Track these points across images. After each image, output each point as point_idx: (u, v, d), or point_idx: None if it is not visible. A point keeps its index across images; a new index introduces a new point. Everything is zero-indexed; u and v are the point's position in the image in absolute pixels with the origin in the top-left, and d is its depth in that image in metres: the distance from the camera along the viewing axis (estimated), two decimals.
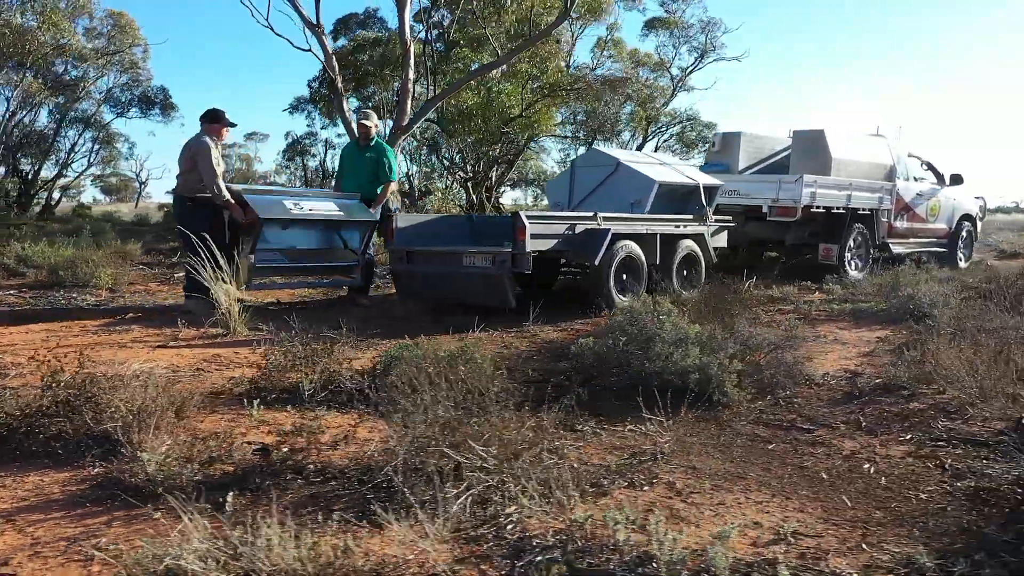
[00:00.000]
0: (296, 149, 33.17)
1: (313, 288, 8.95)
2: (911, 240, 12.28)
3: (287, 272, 8.11)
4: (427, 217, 9.19)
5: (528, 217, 7.21)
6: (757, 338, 5.10)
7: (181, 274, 9.03)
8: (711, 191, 9.37)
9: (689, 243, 8.65)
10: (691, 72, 28.49)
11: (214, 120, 7.51)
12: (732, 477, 3.40)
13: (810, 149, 10.83)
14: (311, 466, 3.24)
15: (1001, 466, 3.45)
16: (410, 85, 14.67)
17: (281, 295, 8.80)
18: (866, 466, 3.55)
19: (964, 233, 13.32)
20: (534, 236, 7.18)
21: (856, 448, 3.80)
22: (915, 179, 12.42)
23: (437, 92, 19.86)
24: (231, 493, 2.89)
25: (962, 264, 13.17)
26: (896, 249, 11.87)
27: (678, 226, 8.66)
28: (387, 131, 18.70)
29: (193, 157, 7.28)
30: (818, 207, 10.36)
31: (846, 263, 10.89)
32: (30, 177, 27.34)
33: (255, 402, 3.87)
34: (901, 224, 11.89)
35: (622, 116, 26.63)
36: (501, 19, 16.52)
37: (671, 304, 5.24)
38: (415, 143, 22.00)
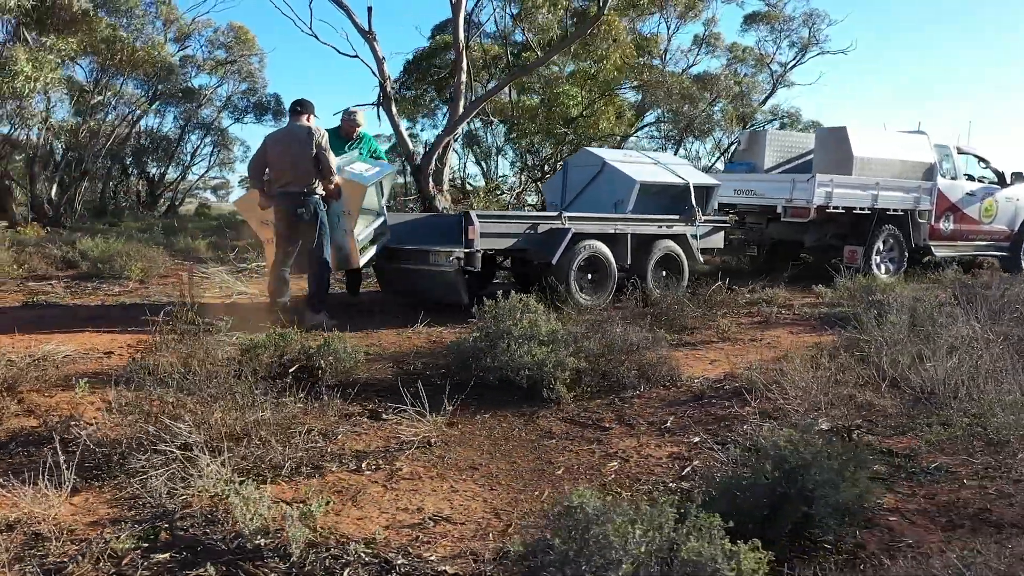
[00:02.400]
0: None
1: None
2: (960, 243, 11.48)
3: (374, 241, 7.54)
4: (415, 216, 9.48)
5: (479, 216, 7.39)
6: (622, 339, 5.08)
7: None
8: (707, 191, 9.20)
9: (668, 244, 8.54)
10: (792, 67, 27.53)
11: (307, 111, 6.95)
12: (468, 468, 3.52)
13: (833, 147, 10.37)
14: (85, 438, 3.61)
15: (744, 472, 3.40)
16: (462, 88, 15.02)
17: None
18: (613, 464, 3.59)
19: None
20: (485, 235, 7.36)
21: (627, 447, 3.82)
22: (967, 177, 11.62)
23: (512, 93, 20.31)
24: None
25: None
26: (940, 252, 11.15)
27: (660, 226, 8.58)
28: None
29: (317, 144, 6.64)
30: (836, 208, 9.93)
31: (874, 266, 10.37)
32: (156, 179, 29.72)
33: (83, 381, 4.31)
34: (946, 226, 11.16)
35: (714, 114, 26.01)
36: (536, 20, 16.65)
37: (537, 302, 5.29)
38: (487, 142, 22.45)
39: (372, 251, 7.52)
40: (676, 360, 5.64)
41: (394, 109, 14.70)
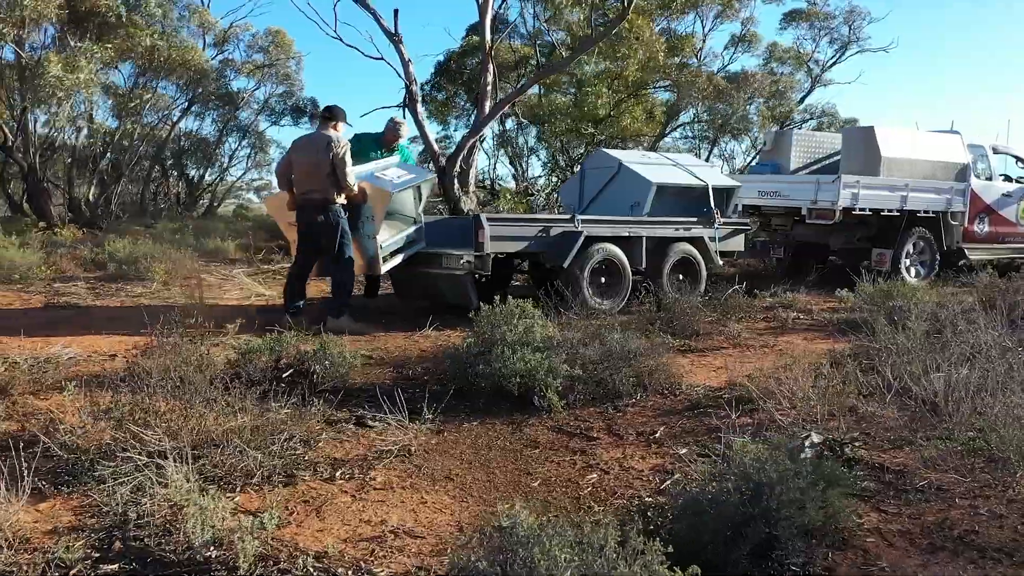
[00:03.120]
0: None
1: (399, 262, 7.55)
2: (996, 246, 11.12)
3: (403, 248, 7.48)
4: (432, 219, 9.42)
5: (489, 219, 7.33)
6: (620, 346, 4.96)
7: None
8: (727, 193, 9.04)
9: (685, 247, 8.39)
10: (831, 65, 27.09)
11: (336, 118, 7.00)
12: (443, 479, 3.46)
13: (859, 148, 10.12)
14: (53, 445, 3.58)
15: (711, 488, 3.30)
16: (488, 89, 14.97)
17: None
18: (592, 476, 3.50)
19: None
20: (495, 238, 7.30)
21: (611, 458, 3.72)
22: (1004, 178, 11.25)
23: (542, 93, 20.26)
24: None
25: None
26: (975, 256, 10.81)
27: (677, 229, 8.43)
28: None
29: (334, 155, 6.64)
30: (863, 209, 9.67)
31: (903, 270, 10.09)
32: (195, 181, 30.18)
33: (72, 384, 4.33)
34: (981, 228, 10.82)
35: (749, 113, 25.63)
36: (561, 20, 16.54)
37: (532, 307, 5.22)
38: (519, 143, 22.37)
39: (398, 258, 7.43)
40: (680, 367, 5.54)
41: (420, 110, 14.70)
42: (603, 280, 7.89)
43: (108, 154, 19.19)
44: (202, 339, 5.16)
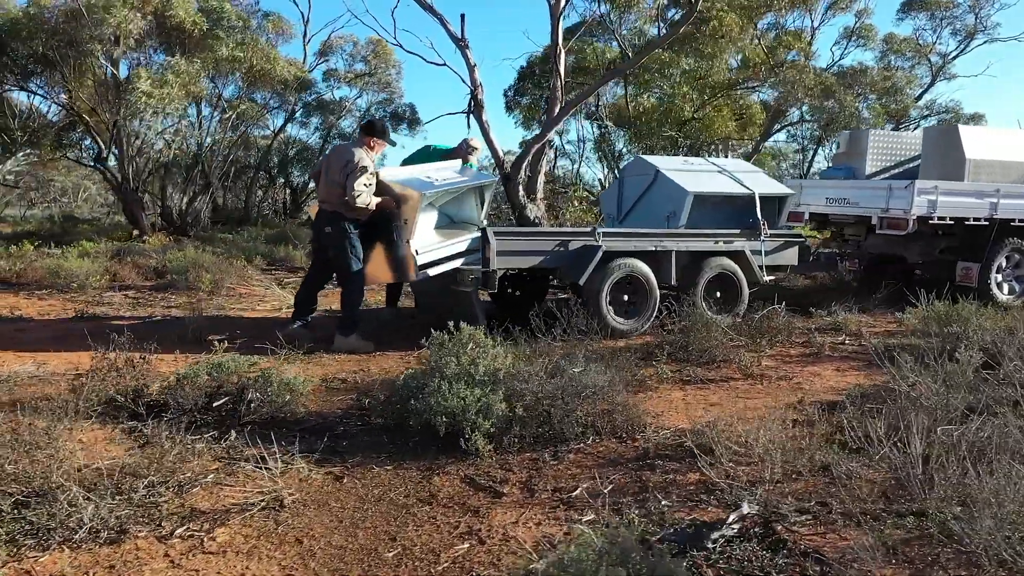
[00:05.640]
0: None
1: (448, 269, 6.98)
2: None
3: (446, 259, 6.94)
4: None
5: (496, 233, 6.87)
6: (581, 380, 4.38)
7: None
8: (777, 201, 8.20)
9: (723, 261, 7.62)
10: (954, 57, 25.04)
11: (372, 134, 6.80)
12: (293, 542, 3.05)
13: (942, 150, 8.99)
14: None
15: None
16: (558, 93, 14.50)
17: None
18: (462, 547, 2.99)
19: None
20: (503, 253, 6.83)
21: (500, 523, 3.20)
22: None
23: (628, 95, 19.58)
24: None
25: None
26: None
27: (716, 242, 7.69)
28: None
29: (348, 174, 6.45)
30: (943, 218, 8.58)
31: (993, 286, 8.90)
32: (299, 187, 31.02)
33: None
34: None
35: (860, 111, 23.93)
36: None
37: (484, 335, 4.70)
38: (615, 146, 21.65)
39: (448, 265, 6.94)
40: (669, 402, 4.98)
41: (484, 116, 14.36)
42: (626, 298, 7.26)
43: (200, 163, 19.91)
44: (144, 361, 4.94)
